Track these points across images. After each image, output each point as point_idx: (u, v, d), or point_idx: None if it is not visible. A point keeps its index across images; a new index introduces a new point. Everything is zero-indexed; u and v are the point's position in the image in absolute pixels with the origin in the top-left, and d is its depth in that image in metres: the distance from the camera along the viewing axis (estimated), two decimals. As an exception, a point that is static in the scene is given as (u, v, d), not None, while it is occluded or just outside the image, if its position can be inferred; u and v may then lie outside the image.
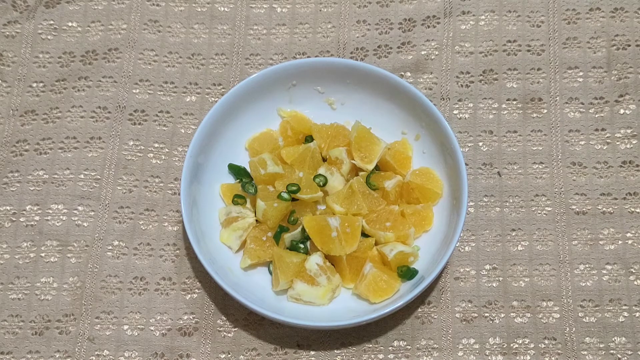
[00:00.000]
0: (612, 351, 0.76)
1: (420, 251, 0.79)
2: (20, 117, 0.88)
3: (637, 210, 0.81)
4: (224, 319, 0.79)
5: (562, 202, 0.82)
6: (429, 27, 0.90)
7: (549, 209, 0.82)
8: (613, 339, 0.76)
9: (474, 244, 0.81)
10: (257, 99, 0.83)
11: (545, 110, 0.86)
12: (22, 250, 0.82)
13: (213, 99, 0.89)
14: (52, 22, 0.92)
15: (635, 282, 0.78)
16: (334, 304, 0.78)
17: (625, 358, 0.76)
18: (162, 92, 0.89)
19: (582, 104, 0.86)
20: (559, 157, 0.84)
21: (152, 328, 0.79)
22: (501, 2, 0.90)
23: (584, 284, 0.79)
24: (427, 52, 0.89)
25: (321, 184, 0.81)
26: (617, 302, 0.78)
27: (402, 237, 0.78)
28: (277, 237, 0.78)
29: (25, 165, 0.86)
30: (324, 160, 0.83)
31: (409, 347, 0.77)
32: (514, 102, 0.86)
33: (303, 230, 0.78)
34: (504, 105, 0.86)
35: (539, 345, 0.76)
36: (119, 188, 0.84)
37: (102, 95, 0.88)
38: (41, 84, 0.90)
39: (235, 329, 0.79)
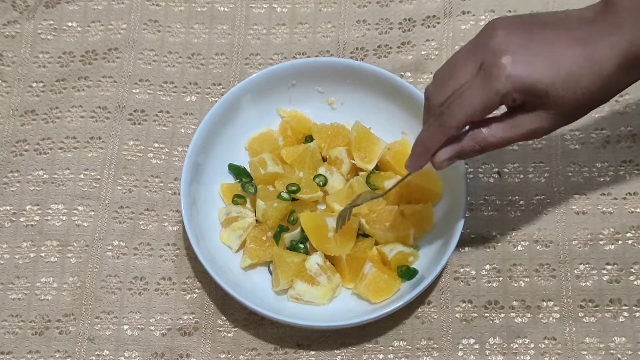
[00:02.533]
0: (612, 351, 0.76)
1: (420, 251, 0.79)
2: (20, 117, 0.88)
3: (637, 210, 0.81)
4: (224, 319, 0.79)
5: (562, 202, 0.82)
6: (429, 27, 0.90)
7: (549, 208, 0.82)
8: (613, 339, 0.76)
9: (474, 244, 0.81)
10: (257, 99, 0.83)
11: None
12: (22, 250, 0.82)
13: (213, 99, 0.89)
14: (52, 22, 0.92)
15: (635, 282, 0.78)
16: (334, 304, 0.78)
17: (625, 358, 0.76)
18: (162, 92, 0.89)
19: (582, 103, 0.86)
20: (559, 156, 0.84)
21: (152, 328, 0.79)
22: (501, 2, 0.90)
23: (584, 284, 0.78)
24: (427, 52, 0.89)
25: (321, 184, 0.81)
26: (617, 302, 0.78)
27: (402, 237, 0.78)
28: (277, 237, 0.78)
29: (25, 165, 0.86)
30: (324, 160, 0.83)
31: (409, 347, 0.77)
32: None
33: (302, 230, 0.78)
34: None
35: (539, 345, 0.76)
36: (119, 188, 0.84)
37: (102, 95, 0.88)
38: (41, 84, 0.90)
39: (235, 329, 0.79)
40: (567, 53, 0.61)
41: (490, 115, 0.63)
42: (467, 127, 0.64)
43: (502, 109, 0.63)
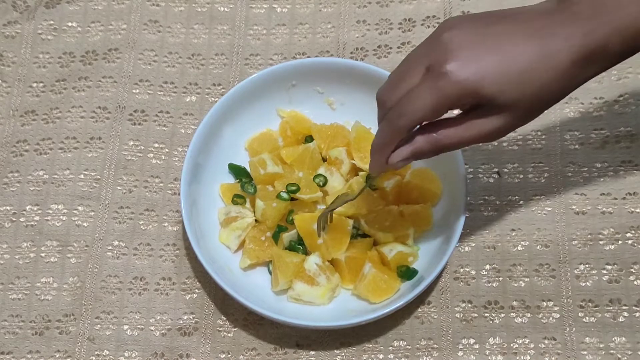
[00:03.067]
0: (612, 351, 0.76)
1: (420, 251, 0.79)
2: (20, 118, 0.88)
3: (637, 210, 0.81)
4: (224, 319, 0.79)
5: (562, 202, 0.82)
6: (428, 27, 0.90)
7: (549, 209, 0.82)
8: (613, 339, 0.76)
9: (474, 244, 0.81)
10: (257, 99, 0.83)
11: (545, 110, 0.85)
12: (22, 250, 0.82)
13: (213, 99, 0.89)
14: (52, 22, 0.93)
15: (635, 282, 0.78)
16: (334, 304, 0.78)
17: (625, 358, 0.76)
18: (162, 92, 0.89)
19: (582, 103, 0.86)
20: (558, 156, 0.84)
21: (152, 328, 0.79)
22: (501, 2, 0.90)
23: (583, 284, 0.78)
24: (426, 52, 0.89)
25: (321, 184, 0.81)
26: (617, 302, 0.78)
27: (402, 237, 0.78)
28: (276, 237, 0.78)
29: (25, 165, 0.86)
30: (324, 160, 0.83)
31: (409, 347, 0.77)
32: (514, 102, 0.86)
33: (301, 230, 0.78)
34: (503, 105, 0.86)
35: (539, 345, 0.76)
36: (119, 188, 0.84)
37: (102, 96, 0.88)
38: (41, 84, 0.90)
39: (235, 329, 0.79)
40: (519, 48, 0.59)
41: (447, 116, 0.62)
42: (418, 127, 0.63)
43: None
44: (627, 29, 0.58)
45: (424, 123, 0.63)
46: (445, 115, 0.62)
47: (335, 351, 0.77)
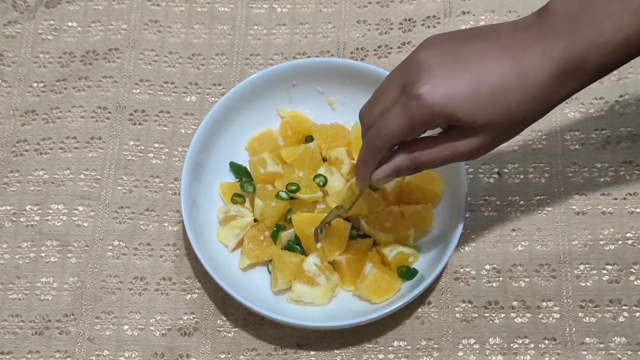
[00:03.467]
0: (612, 351, 0.76)
1: (421, 251, 0.79)
2: (20, 117, 0.88)
3: (637, 210, 0.81)
4: (224, 319, 0.79)
5: (562, 202, 0.82)
6: (429, 27, 0.90)
7: (549, 209, 0.82)
8: (613, 339, 0.76)
9: (474, 244, 0.81)
10: (257, 99, 0.83)
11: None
12: (22, 250, 0.82)
13: (213, 99, 0.89)
14: (52, 22, 0.92)
15: (635, 282, 0.78)
16: (334, 304, 0.78)
17: (625, 358, 0.76)
18: (162, 92, 0.89)
19: (582, 103, 0.86)
20: (559, 157, 0.84)
21: (152, 328, 0.79)
22: (501, 2, 0.90)
23: (583, 284, 0.78)
24: (427, 52, 0.89)
25: (321, 184, 0.81)
26: (617, 302, 0.78)
27: (402, 237, 0.78)
28: (275, 236, 0.78)
29: (25, 165, 0.86)
30: (324, 160, 0.83)
31: (409, 347, 0.77)
32: (514, 102, 0.86)
33: (299, 230, 0.78)
34: (504, 106, 0.86)
35: (539, 345, 0.76)
36: (119, 188, 0.84)
37: (102, 96, 0.88)
38: (41, 84, 0.90)
39: (235, 329, 0.79)
40: (492, 66, 0.58)
41: (427, 134, 0.62)
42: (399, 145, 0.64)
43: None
44: (604, 44, 0.57)
45: (409, 140, 0.63)
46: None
47: (335, 351, 0.77)
